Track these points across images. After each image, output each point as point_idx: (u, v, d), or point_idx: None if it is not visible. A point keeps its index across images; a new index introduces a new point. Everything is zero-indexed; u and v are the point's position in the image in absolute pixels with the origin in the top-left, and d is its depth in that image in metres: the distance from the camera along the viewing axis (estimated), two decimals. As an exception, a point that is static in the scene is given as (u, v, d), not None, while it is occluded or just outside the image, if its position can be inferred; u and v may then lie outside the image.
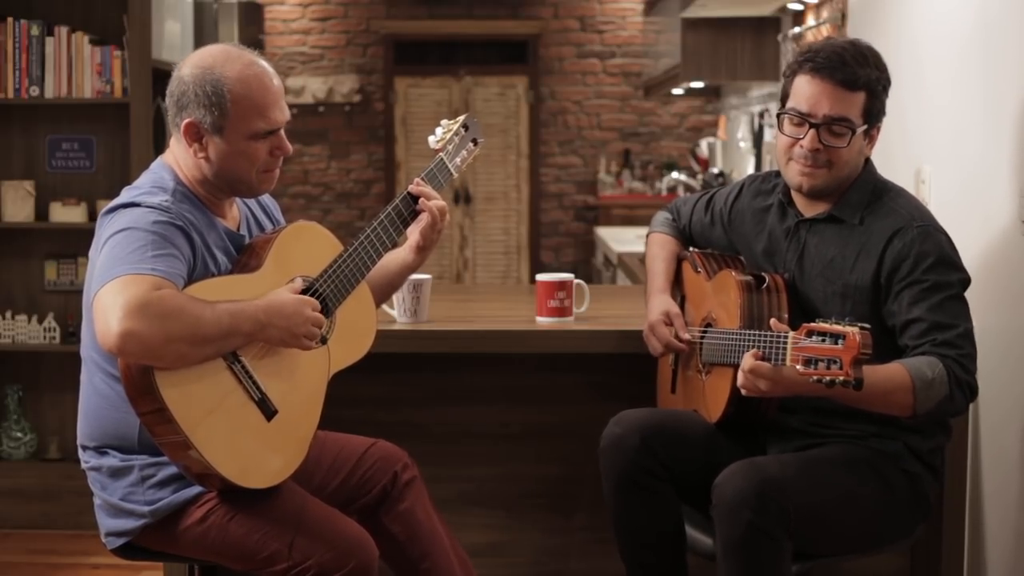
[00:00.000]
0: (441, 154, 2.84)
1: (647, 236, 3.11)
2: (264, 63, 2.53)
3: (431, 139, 2.88)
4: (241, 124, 2.47)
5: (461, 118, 2.92)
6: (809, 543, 2.55)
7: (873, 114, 2.65)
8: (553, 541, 3.36)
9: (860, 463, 2.62)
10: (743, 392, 2.48)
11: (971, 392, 2.54)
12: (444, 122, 2.92)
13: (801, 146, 2.64)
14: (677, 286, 2.99)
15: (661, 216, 3.12)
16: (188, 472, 2.40)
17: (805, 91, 2.63)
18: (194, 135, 2.48)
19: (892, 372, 2.47)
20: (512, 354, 3.22)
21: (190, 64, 2.51)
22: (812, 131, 2.62)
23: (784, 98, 2.70)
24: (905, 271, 2.59)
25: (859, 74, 2.61)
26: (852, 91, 2.61)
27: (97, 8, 4.72)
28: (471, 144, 2.91)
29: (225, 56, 2.49)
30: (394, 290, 2.91)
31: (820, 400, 2.53)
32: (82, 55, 4.58)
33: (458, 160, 2.87)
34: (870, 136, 2.68)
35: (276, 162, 2.55)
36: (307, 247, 2.59)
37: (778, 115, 2.69)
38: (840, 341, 2.26)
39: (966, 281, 2.63)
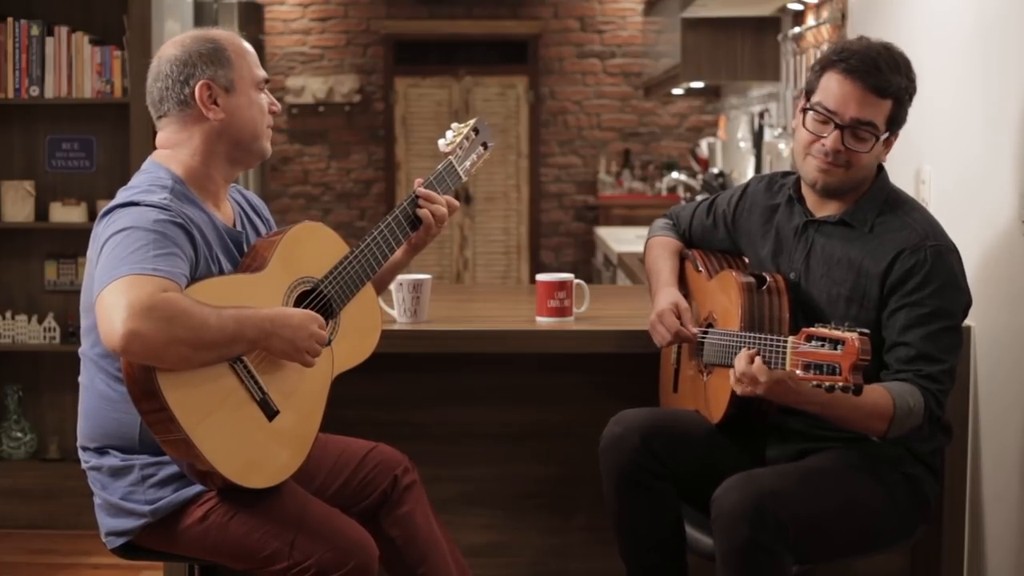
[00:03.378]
0: (450, 157, 2.84)
1: (647, 241, 3.10)
2: None
3: (441, 142, 2.87)
4: (246, 74, 2.56)
5: (472, 121, 2.91)
6: (809, 551, 2.54)
7: (896, 122, 2.63)
8: (553, 541, 3.36)
9: (859, 469, 2.61)
10: (737, 391, 2.48)
11: (936, 423, 2.58)
12: (455, 125, 2.90)
13: (823, 144, 2.62)
14: (680, 285, 2.98)
15: (660, 222, 3.11)
16: (189, 471, 2.40)
17: (834, 90, 2.60)
18: (210, 96, 2.52)
19: (877, 396, 2.48)
20: (512, 354, 3.22)
21: (172, 46, 2.56)
22: (836, 132, 2.60)
23: (809, 92, 2.66)
24: (909, 289, 2.57)
25: (891, 81, 2.58)
26: (881, 98, 2.58)
27: (97, 8, 4.72)
28: (481, 148, 2.90)
29: (197, 30, 2.59)
30: (384, 287, 2.92)
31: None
32: (82, 55, 4.58)
33: (467, 164, 2.86)
34: (888, 143, 2.66)
35: (271, 119, 2.63)
36: (313, 248, 2.59)
37: (803, 109, 2.66)
38: (839, 346, 2.25)
39: (968, 306, 2.63)
